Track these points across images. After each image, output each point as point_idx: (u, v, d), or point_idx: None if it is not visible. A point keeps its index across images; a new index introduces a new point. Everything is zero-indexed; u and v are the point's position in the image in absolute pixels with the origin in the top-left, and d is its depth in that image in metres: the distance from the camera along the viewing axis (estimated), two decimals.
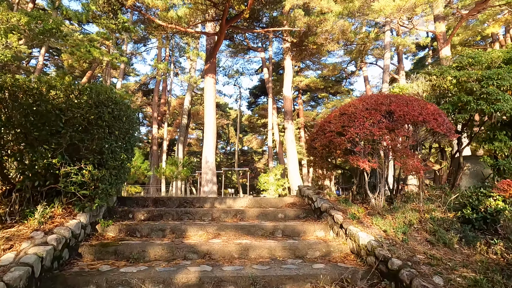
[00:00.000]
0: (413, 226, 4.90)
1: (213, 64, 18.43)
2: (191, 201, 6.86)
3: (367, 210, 5.63)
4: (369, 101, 5.96)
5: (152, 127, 29.12)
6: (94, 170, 4.77)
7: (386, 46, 19.84)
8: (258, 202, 7.07)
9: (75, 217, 4.71)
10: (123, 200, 6.68)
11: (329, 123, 6.32)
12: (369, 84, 32.31)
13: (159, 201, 6.73)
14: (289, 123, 22.29)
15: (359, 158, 5.49)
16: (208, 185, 17.42)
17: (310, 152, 7.05)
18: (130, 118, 6.16)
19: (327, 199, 6.40)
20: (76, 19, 17.06)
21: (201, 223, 5.59)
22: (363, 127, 5.46)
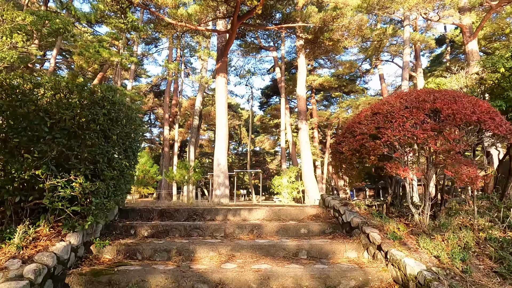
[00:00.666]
0: (470, 250, 3.97)
1: (224, 63, 17.64)
2: (201, 213, 6.05)
3: (408, 227, 4.71)
4: (408, 98, 5.03)
5: (164, 129, 28.56)
6: (86, 183, 3.99)
7: (406, 41, 18.71)
8: (276, 214, 6.21)
9: (63, 238, 3.94)
10: (125, 212, 5.92)
11: (359, 124, 5.42)
12: (385, 82, 31.08)
13: (165, 213, 5.94)
14: (303, 123, 21.36)
15: (398, 166, 4.57)
16: (220, 188, 16.64)
17: (335, 157, 6.14)
18: (132, 121, 5.38)
19: (356, 211, 5.50)
20: (85, 19, 16.50)
21: (212, 242, 4.76)
22: (403, 129, 4.54)
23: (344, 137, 5.79)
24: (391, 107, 5.02)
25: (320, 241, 4.91)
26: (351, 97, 35.29)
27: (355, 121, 5.59)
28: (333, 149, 6.21)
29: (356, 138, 5.24)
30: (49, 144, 3.81)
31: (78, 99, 4.10)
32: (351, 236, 5.10)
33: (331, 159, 6.31)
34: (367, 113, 5.46)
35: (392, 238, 4.30)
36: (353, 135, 5.47)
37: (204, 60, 22.77)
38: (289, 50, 35.28)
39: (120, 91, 17.96)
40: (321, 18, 15.60)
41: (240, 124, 43.97)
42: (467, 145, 4.44)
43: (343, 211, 5.52)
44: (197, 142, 24.16)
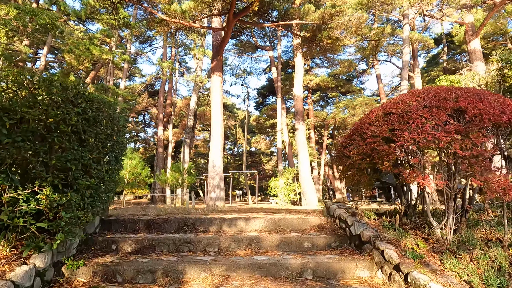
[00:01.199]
0: (506, 273, 3.38)
1: (220, 62, 17.00)
2: (193, 223, 5.41)
3: (428, 243, 4.12)
4: (426, 96, 4.44)
5: (158, 129, 27.82)
6: (54, 194, 3.35)
7: (405, 40, 18.20)
8: (276, 224, 5.59)
9: (27, 261, 3.28)
10: (108, 223, 5.27)
11: (369, 125, 4.82)
12: (382, 82, 30.60)
13: (153, 224, 5.30)
14: (300, 123, 20.76)
15: (417, 173, 3.98)
16: (215, 191, 15.99)
17: (341, 161, 5.54)
18: (115, 121, 4.73)
19: (366, 222, 4.90)
20: (75, 16, 15.75)
21: (205, 260, 4.14)
22: (423, 131, 3.96)
23: (351, 140, 5.19)
24: (407, 107, 4.42)
25: (327, 258, 4.31)
26: (348, 97, 34.80)
27: (365, 122, 4.99)
28: (339, 152, 5.61)
29: (367, 141, 4.64)
30: (7, 149, 3.15)
31: (46, 96, 3.45)
32: (361, 251, 4.50)
33: (337, 164, 5.69)
34: (378, 113, 4.86)
35: (411, 257, 3.71)
36: (362, 137, 4.87)
37: (199, 59, 22.09)
38: (286, 50, 34.75)
39: (112, 90, 17.25)
40: (320, 15, 15.02)
41: (236, 124, 43.31)
42: (497, 149, 3.86)
43: (351, 222, 4.92)
44: (191, 142, 23.47)
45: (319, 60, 33.15)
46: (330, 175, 37.42)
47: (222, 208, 13.82)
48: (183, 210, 7.95)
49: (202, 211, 7.93)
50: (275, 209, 11.59)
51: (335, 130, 36.47)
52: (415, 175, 3.98)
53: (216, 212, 8.00)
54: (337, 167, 36.01)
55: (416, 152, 4.05)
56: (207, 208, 12.69)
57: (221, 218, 5.59)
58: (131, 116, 36.33)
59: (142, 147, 41.92)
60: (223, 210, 9.19)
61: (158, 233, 5.11)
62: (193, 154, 43.66)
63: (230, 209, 10.94)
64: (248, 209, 11.69)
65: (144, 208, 9.72)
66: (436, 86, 4.82)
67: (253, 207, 15.14)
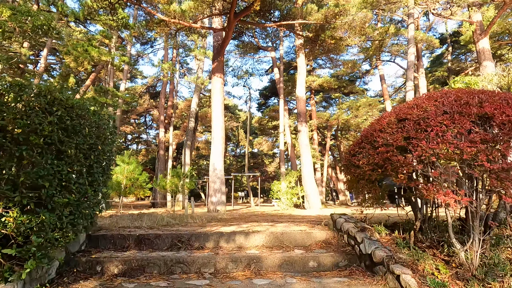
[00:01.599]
0: None
1: (220, 63, 16.55)
2: (188, 238, 4.94)
3: (449, 266, 3.63)
4: (445, 101, 3.95)
5: (159, 131, 27.42)
6: (22, 216, 2.90)
7: (410, 40, 17.66)
8: (278, 239, 5.11)
9: None
10: (95, 240, 4.82)
11: (380, 132, 4.34)
12: (385, 83, 30.03)
13: (144, 240, 4.84)
14: (303, 125, 20.28)
15: (438, 189, 3.50)
16: (216, 195, 15.54)
17: (349, 171, 5.06)
18: (100, 130, 4.28)
19: (377, 239, 4.42)
20: (73, 17, 15.37)
21: (198, 285, 3.67)
22: (443, 140, 3.47)
23: (361, 148, 4.70)
24: (424, 112, 3.94)
25: (335, 282, 3.83)
26: (351, 98, 34.26)
27: (375, 128, 4.51)
28: (347, 161, 5.13)
29: (378, 150, 4.16)
30: None
31: (12, 102, 3.01)
32: (373, 273, 4.02)
33: (344, 173, 5.20)
34: (390, 119, 4.37)
35: (432, 286, 3.22)
36: (373, 145, 4.39)
37: (200, 60, 21.66)
38: (288, 51, 34.28)
39: (111, 92, 16.85)
40: (323, 15, 14.53)
41: (238, 125, 42.85)
42: None
43: (360, 239, 4.44)
44: (193, 145, 23.05)
45: (322, 61, 32.67)
46: (333, 177, 36.87)
47: (223, 213, 13.36)
48: (180, 220, 7.50)
49: (200, 221, 7.48)
50: (278, 215, 11.12)
51: (338, 131, 35.94)
52: (435, 190, 3.49)
53: (215, 222, 7.54)
54: (340, 170, 35.48)
55: (436, 164, 3.56)
56: (208, 213, 12.20)
57: (218, 233, 5.12)
58: (132, 118, 35.98)
59: (144, 149, 41.57)
60: (223, 219, 8.73)
61: (149, 251, 4.65)
62: (195, 156, 43.29)
63: (231, 215, 10.48)
64: (250, 215, 11.23)
65: (140, 215, 9.28)
66: (455, 89, 4.32)
67: (255, 212, 14.66)
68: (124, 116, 33.38)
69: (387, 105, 28.54)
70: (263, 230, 5.38)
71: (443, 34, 33.13)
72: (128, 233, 4.93)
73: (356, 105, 28.14)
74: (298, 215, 11.16)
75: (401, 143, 3.90)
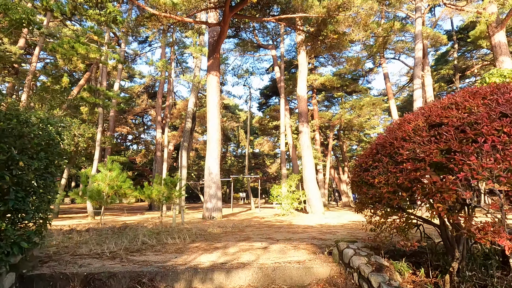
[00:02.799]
0: None
1: (216, 60, 15.40)
2: (152, 278, 3.79)
3: None
4: (500, 99, 2.77)
5: (156, 132, 26.31)
6: None
7: (417, 36, 16.40)
8: (269, 277, 3.95)
9: None
10: (29, 282, 3.67)
11: (404, 141, 3.17)
12: (389, 81, 28.72)
13: (93, 281, 3.70)
14: (304, 126, 19.10)
15: (498, 229, 2.33)
16: (212, 200, 14.45)
17: (359, 190, 3.89)
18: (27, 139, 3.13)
19: (399, 285, 3.25)
20: (59, 11, 14.26)
21: None
22: (505, 156, 2.31)
23: (376, 161, 3.54)
24: (469, 114, 2.76)
25: None
26: (354, 97, 32.99)
27: (396, 136, 3.33)
28: (356, 177, 3.95)
29: (403, 166, 2.99)
30: None
31: None
32: None
33: (352, 190, 4.00)
34: (417, 123, 3.20)
35: None
36: (393, 159, 3.22)
37: (197, 58, 20.50)
38: (289, 49, 33.04)
39: (101, 92, 15.74)
40: (325, 8, 13.32)
41: (238, 126, 41.66)
42: None
43: (376, 284, 3.27)
44: (189, 146, 21.92)
45: (324, 59, 31.42)
46: (336, 178, 35.65)
47: (218, 221, 12.22)
48: (159, 239, 6.36)
49: (183, 240, 6.33)
50: (276, 225, 9.95)
51: (341, 131, 34.69)
52: (493, 231, 2.33)
53: (200, 241, 6.40)
54: (342, 170, 34.28)
55: (496, 192, 2.39)
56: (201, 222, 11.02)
57: (192, 269, 3.96)
58: (130, 118, 34.91)
59: (144, 149, 40.50)
60: (212, 234, 7.58)
61: None
62: (194, 157, 42.18)
63: (224, 226, 9.33)
64: (245, 225, 10.08)
65: (120, 230, 8.17)
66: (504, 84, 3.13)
67: (253, 219, 13.51)
68: (121, 117, 32.33)
69: (392, 104, 27.26)
70: (251, 261, 4.23)
71: (449, 31, 31.78)
72: (74, 271, 3.79)
73: (360, 104, 26.87)
74: (298, 226, 10.00)
75: (436, 159, 2.73)
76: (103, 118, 17.54)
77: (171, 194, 9.08)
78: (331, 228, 9.60)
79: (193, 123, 21.23)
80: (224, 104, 38.51)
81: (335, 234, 7.64)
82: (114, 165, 9.62)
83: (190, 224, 10.49)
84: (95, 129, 16.34)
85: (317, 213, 17.52)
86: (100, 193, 9.11)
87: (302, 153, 18.94)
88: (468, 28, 30.65)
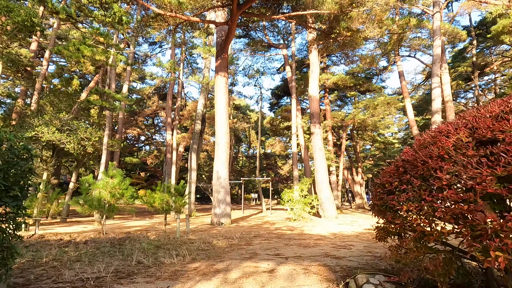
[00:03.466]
0: None
1: (224, 60, 14.81)
2: None
3: None
4: None
5: (166, 133, 25.96)
6: None
7: (436, 31, 15.41)
8: None
9: None
10: None
11: (442, 160, 2.46)
12: (405, 80, 27.58)
13: None
14: (316, 127, 18.33)
15: None
16: (220, 206, 13.87)
17: (381, 214, 3.19)
18: None
19: None
20: (65, 13, 13.94)
21: None
22: None
23: (403, 182, 2.84)
24: None
25: None
26: (367, 96, 31.94)
27: (431, 153, 2.61)
28: (376, 197, 3.25)
29: (443, 195, 2.29)
30: None
31: None
32: None
33: (374, 214, 3.29)
34: (459, 137, 2.48)
35: None
36: (428, 182, 2.52)
37: (206, 59, 19.99)
38: (300, 48, 32.30)
39: (107, 94, 15.39)
40: (337, 3, 12.55)
41: (249, 126, 41.04)
42: None
43: None
44: (199, 148, 21.43)
45: (336, 57, 30.48)
46: (349, 179, 34.64)
47: (226, 229, 11.63)
48: (155, 258, 5.79)
49: (182, 258, 5.74)
50: (286, 235, 9.27)
51: (354, 131, 33.68)
52: None
53: (201, 259, 5.80)
54: (357, 171, 33.28)
55: None
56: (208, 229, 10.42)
57: None
58: (140, 120, 34.74)
59: (156, 150, 40.35)
60: (216, 248, 6.97)
61: None
62: (205, 158, 41.78)
63: (230, 238, 8.72)
64: (254, 235, 9.45)
65: (120, 242, 7.66)
66: None
67: (263, 225, 12.86)
68: (132, 118, 32.15)
69: (407, 103, 26.15)
70: None
71: (467, 27, 30.37)
72: None
73: (374, 104, 25.85)
74: (310, 236, 9.29)
75: (492, 189, 2.02)
76: (111, 121, 17.21)
77: (176, 202, 8.51)
78: (345, 238, 8.87)
79: (203, 125, 20.73)
80: (235, 105, 37.97)
81: (350, 249, 6.93)
82: (116, 171, 9.13)
83: (196, 233, 9.93)
84: (102, 132, 15.99)
85: (329, 217, 16.76)
86: (101, 202, 8.63)
87: (314, 155, 18.19)
88: (487, 23, 29.23)
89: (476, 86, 29.47)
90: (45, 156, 15.72)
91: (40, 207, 11.48)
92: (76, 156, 15.74)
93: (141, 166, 39.66)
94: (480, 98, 29.24)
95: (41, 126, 13.96)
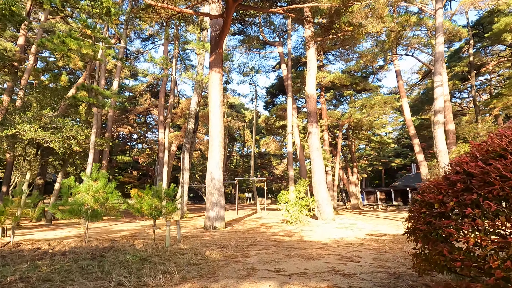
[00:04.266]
0: None
1: (219, 56, 13.97)
2: None
3: None
4: None
5: (158, 132, 25.01)
6: None
7: (438, 28, 14.76)
8: None
9: None
10: None
11: None
12: (402, 79, 27.00)
13: None
14: (313, 126, 17.57)
15: None
16: (214, 209, 13.04)
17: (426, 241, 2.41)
18: None
19: None
20: (49, 3, 12.94)
21: None
22: None
23: (463, 199, 2.06)
24: None
25: None
26: (363, 95, 31.37)
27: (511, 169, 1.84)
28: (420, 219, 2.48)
29: None
30: None
31: None
32: None
33: (409, 236, 2.46)
34: None
35: None
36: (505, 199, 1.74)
37: (200, 55, 19.09)
38: (296, 46, 31.51)
39: (96, 90, 14.42)
40: None
41: (244, 125, 40.19)
42: None
43: None
44: (192, 147, 20.54)
45: (332, 56, 29.83)
46: (344, 179, 34.08)
47: (220, 233, 10.80)
48: (137, 280, 4.96)
49: (170, 277, 4.91)
50: (285, 242, 8.50)
51: (349, 130, 33.09)
52: None
53: (191, 278, 4.98)
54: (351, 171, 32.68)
55: None
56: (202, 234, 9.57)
57: None
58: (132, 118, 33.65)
59: (148, 149, 39.29)
60: (209, 261, 6.15)
61: None
62: (199, 156, 40.85)
63: (224, 246, 7.92)
64: (250, 243, 8.65)
65: (102, 254, 6.80)
66: None
67: (259, 229, 12.08)
68: (123, 116, 31.09)
69: (404, 102, 25.59)
70: None
71: (464, 26, 29.93)
72: None
73: (370, 103, 25.24)
74: (311, 244, 8.52)
75: None
76: (99, 119, 16.25)
77: (165, 207, 7.68)
78: (349, 247, 8.13)
79: (196, 123, 19.84)
80: (230, 103, 37.08)
81: (358, 263, 6.17)
82: (99, 174, 8.25)
83: (188, 239, 9.10)
84: (89, 131, 15.03)
85: (327, 219, 16.03)
86: (82, 207, 7.75)
87: (311, 155, 17.44)
88: (484, 23, 28.80)
89: (472, 86, 29.04)
90: (29, 155, 14.70)
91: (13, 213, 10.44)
92: (61, 156, 14.75)
93: (133, 165, 38.58)
94: (475, 99, 28.77)
95: (24, 123, 12.97)
